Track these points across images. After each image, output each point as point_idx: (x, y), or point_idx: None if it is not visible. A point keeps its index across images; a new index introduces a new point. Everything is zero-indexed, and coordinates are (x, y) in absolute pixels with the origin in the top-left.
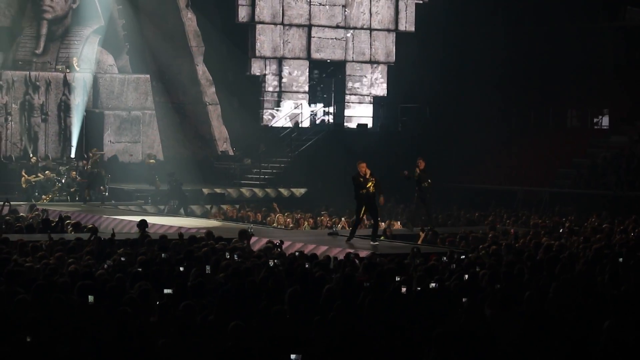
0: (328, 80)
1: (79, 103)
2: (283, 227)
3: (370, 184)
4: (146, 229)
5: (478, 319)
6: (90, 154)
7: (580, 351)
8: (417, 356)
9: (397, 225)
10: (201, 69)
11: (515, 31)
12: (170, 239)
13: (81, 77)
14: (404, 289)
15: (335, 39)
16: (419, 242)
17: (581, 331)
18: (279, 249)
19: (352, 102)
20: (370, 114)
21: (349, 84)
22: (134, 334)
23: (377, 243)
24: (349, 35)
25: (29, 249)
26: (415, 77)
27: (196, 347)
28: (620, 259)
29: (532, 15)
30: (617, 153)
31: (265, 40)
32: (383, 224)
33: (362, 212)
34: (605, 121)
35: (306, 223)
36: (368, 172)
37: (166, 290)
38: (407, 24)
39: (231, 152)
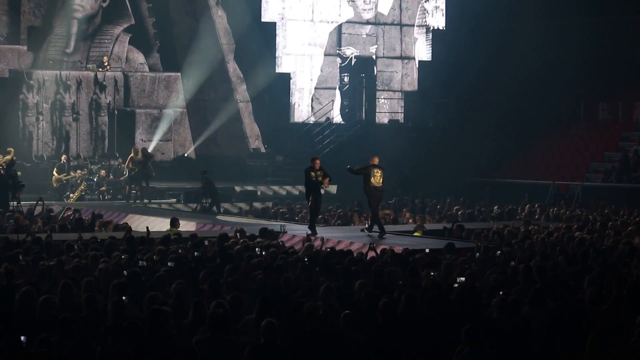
0: (359, 76)
1: (110, 102)
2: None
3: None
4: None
5: (511, 313)
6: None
7: (613, 345)
8: (450, 351)
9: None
10: (232, 67)
11: (546, 25)
12: (202, 237)
13: (112, 75)
14: (437, 285)
15: (366, 34)
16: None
17: (614, 325)
18: (320, 247)
19: (383, 98)
20: (401, 109)
21: (380, 80)
22: (168, 332)
23: None
24: (379, 31)
25: (63, 248)
26: (446, 72)
27: (229, 344)
28: None
29: (564, 9)
30: None
31: (295, 37)
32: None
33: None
34: (637, 114)
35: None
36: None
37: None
38: (437, 19)
39: (263, 150)
